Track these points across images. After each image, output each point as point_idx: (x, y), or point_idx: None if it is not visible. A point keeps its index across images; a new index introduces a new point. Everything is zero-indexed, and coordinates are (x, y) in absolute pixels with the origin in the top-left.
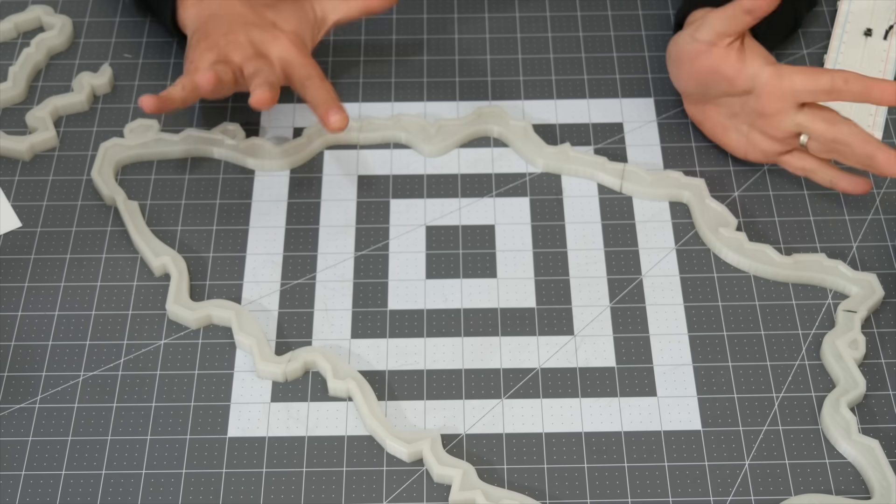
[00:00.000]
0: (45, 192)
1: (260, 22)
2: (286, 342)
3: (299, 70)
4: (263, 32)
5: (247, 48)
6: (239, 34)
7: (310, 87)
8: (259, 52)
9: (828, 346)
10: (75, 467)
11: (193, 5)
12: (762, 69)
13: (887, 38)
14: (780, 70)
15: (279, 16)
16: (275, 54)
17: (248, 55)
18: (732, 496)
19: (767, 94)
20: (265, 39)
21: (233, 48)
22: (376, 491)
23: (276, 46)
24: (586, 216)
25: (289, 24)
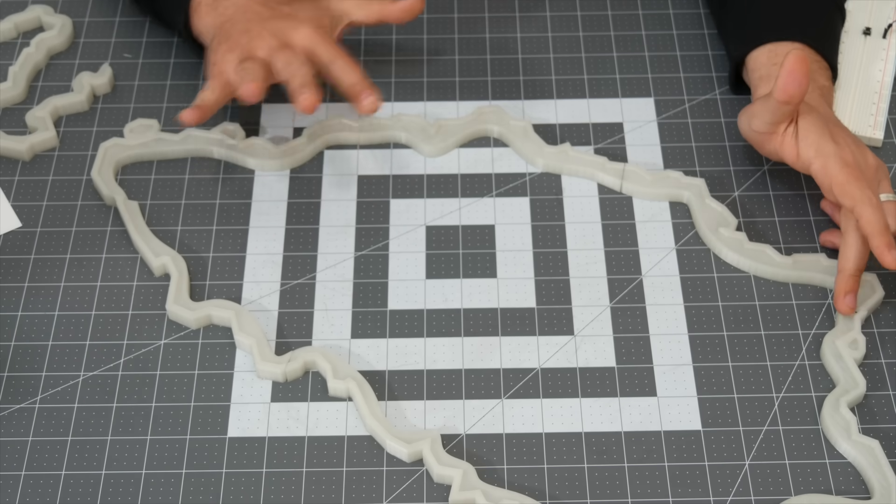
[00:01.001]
0: (45, 192)
1: (278, 16)
2: (286, 342)
3: (324, 53)
4: (282, 22)
5: (270, 40)
6: (259, 29)
7: (336, 69)
8: (282, 42)
9: (828, 346)
10: (75, 467)
11: (208, 13)
12: (813, 161)
13: (886, 36)
14: (827, 167)
15: (296, 10)
16: (297, 43)
17: (272, 47)
18: (732, 496)
19: (819, 184)
20: (285, 29)
21: (256, 43)
22: (376, 491)
23: (297, 35)
24: (586, 216)
25: (306, 14)
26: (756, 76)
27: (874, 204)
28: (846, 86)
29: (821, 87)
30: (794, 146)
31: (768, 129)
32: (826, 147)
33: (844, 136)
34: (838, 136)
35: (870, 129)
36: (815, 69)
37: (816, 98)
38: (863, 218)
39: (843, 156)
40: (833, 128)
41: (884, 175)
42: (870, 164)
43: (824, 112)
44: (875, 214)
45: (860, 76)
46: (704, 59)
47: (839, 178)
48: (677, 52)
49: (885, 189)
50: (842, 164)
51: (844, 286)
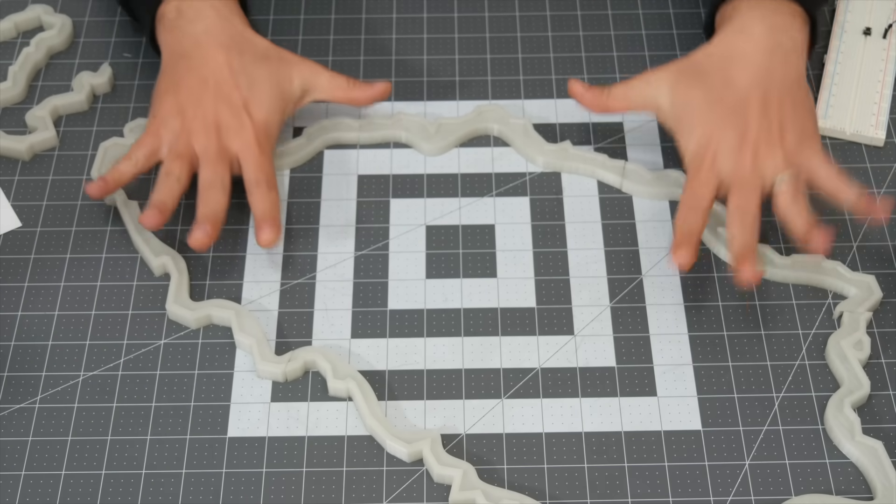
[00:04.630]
0: (44, 191)
1: (232, 99)
2: (286, 342)
3: (250, 173)
4: (232, 118)
5: (210, 136)
6: (208, 111)
7: (255, 194)
8: (221, 146)
9: (832, 347)
10: (75, 467)
11: (169, 31)
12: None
13: (886, 36)
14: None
15: (254, 93)
16: (234, 148)
17: (209, 152)
18: (732, 496)
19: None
20: (230, 128)
21: (198, 130)
22: (376, 491)
23: (238, 140)
24: (586, 215)
25: (260, 109)
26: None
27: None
28: (846, 86)
29: (793, 39)
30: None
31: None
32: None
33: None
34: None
35: (871, 128)
36: (779, 24)
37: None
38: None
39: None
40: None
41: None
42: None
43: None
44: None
45: (860, 76)
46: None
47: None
48: (677, 51)
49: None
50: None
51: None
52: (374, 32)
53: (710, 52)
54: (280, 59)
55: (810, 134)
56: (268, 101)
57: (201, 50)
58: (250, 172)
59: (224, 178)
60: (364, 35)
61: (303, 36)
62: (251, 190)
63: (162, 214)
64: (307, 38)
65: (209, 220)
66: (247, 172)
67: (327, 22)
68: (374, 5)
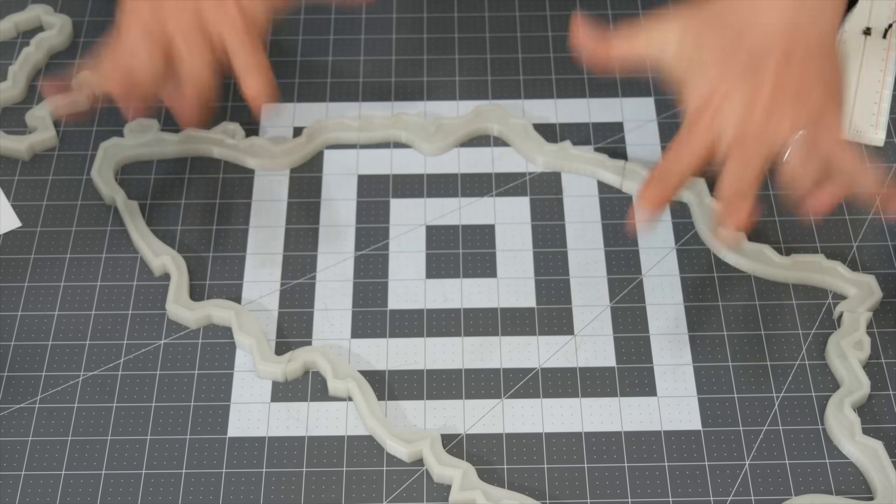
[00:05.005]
0: (44, 191)
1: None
2: (286, 342)
3: (241, 60)
4: (214, 4)
5: (187, 14)
6: (188, 2)
7: (238, 53)
8: (197, 19)
9: (832, 347)
10: (75, 467)
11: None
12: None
13: (886, 36)
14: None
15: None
16: (216, 29)
17: (182, 23)
18: (732, 496)
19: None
20: (212, 9)
21: (172, 9)
22: (376, 491)
23: (222, 21)
24: (586, 215)
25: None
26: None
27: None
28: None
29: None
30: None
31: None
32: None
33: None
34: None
35: (872, 128)
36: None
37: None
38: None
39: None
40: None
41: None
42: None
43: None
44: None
45: (860, 76)
46: None
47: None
48: None
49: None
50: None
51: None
52: (374, 32)
53: (730, 2)
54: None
55: (837, 100)
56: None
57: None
58: (240, 58)
59: (204, 50)
60: (364, 35)
61: (303, 36)
62: (235, 53)
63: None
64: (307, 39)
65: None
66: (236, 58)
67: (327, 22)
68: (374, 5)
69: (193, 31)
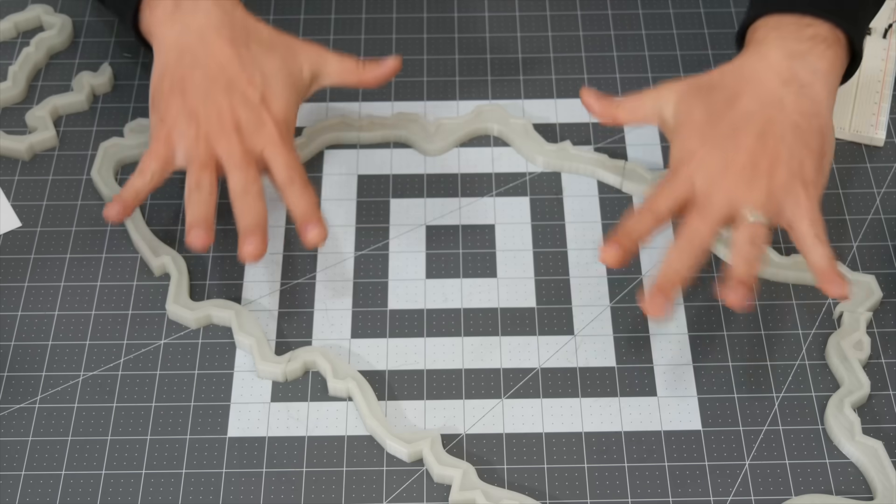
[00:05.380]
0: (44, 191)
1: (247, 90)
2: (286, 342)
3: (281, 172)
4: (250, 113)
5: (231, 138)
6: (223, 105)
7: (291, 193)
8: (245, 148)
9: (832, 347)
10: (75, 467)
11: (165, 23)
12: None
13: (887, 36)
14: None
15: (267, 82)
16: (258, 147)
17: (234, 156)
18: (732, 496)
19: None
20: (251, 124)
21: (217, 133)
22: (376, 491)
23: (261, 137)
24: (586, 215)
25: (277, 99)
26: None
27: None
28: (846, 86)
29: (813, 70)
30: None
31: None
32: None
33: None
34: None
35: (871, 128)
36: (798, 51)
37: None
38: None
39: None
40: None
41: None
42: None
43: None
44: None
45: (861, 76)
46: (704, 59)
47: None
48: (677, 51)
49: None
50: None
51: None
52: (374, 32)
53: (726, 70)
54: (286, 46)
55: (808, 179)
56: (283, 93)
57: (206, 44)
58: (281, 172)
59: (257, 182)
60: (364, 35)
61: (303, 36)
62: (285, 190)
63: (208, 232)
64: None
65: (256, 229)
66: (277, 172)
67: (327, 22)
68: (374, 5)
69: (244, 161)
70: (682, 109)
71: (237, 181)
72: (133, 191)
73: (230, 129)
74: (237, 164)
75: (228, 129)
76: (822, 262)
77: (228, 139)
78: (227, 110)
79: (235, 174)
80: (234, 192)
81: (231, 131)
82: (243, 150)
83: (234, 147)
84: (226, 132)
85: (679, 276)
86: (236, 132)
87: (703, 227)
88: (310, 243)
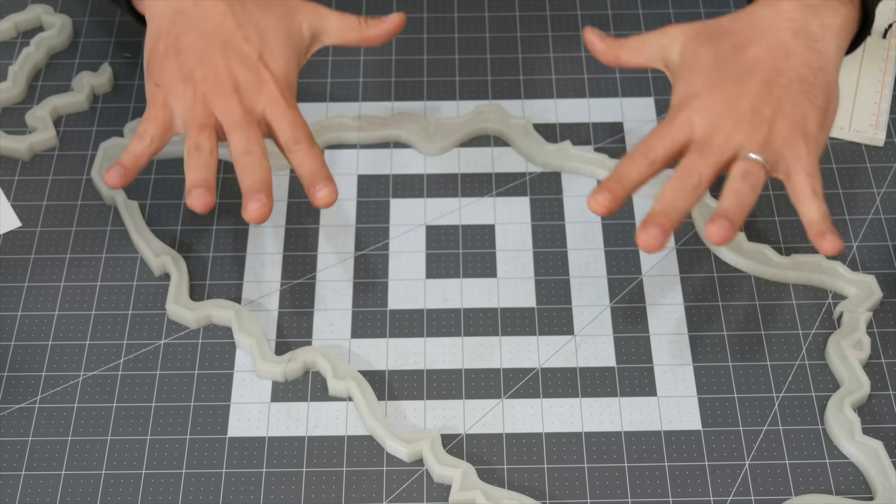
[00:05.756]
0: (44, 191)
1: (244, 49)
2: (286, 342)
3: (285, 132)
4: (248, 72)
5: (231, 98)
6: (219, 65)
7: (297, 152)
8: (245, 108)
9: (832, 347)
10: (75, 467)
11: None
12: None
13: (886, 36)
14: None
15: (265, 40)
16: (259, 107)
17: (233, 116)
18: (732, 496)
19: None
20: (250, 84)
21: (215, 93)
22: (376, 491)
23: (262, 97)
24: (586, 216)
25: (276, 58)
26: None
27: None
28: (846, 86)
29: (824, 25)
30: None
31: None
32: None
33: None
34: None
35: (871, 128)
36: (814, 3)
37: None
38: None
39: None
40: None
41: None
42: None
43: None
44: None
45: (860, 76)
46: None
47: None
48: None
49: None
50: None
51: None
52: None
53: (737, 17)
54: (284, 4)
55: (810, 133)
56: (282, 51)
57: (200, 4)
58: (285, 131)
59: (259, 143)
60: None
61: None
62: (291, 149)
63: (210, 192)
64: None
65: (260, 188)
66: (281, 132)
67: None
68: (374, 5)
69: (245, 121)
70: (689, 52)
71: (238, 142)
72: (133, 155)
73: (228, 89)
74: (237, 125)
75: (227, 89)
76: (815, 215)
77: (227, 100)
78: (224, 70)
79: (236, 135)
80: (236, 153)
81: (230, 91)
82: (243, 111)
83: (233, 108)
84: (224, 93)
85: (675, 210)
86: (235, 92)
87: (703, 164)
88: (320, 203)
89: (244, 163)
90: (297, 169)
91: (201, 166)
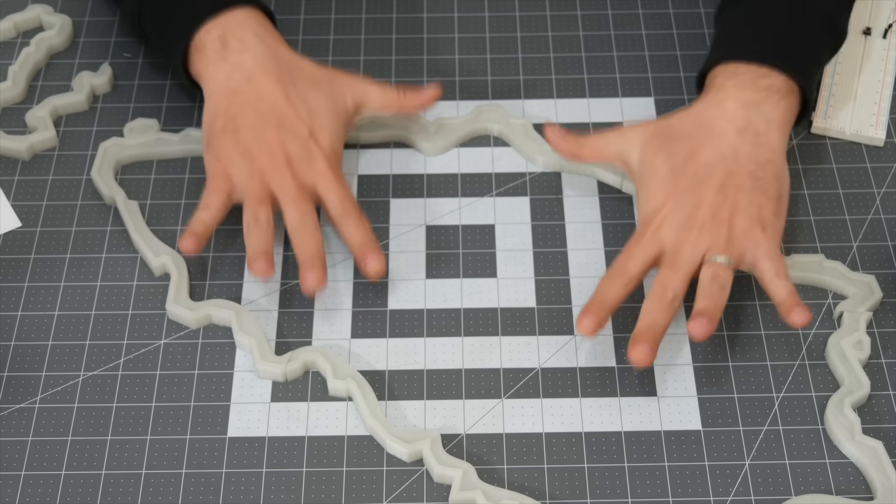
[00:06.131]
0: (44, 191)
1: (297, 130)
2: (286, 342)
3: (336, 206)
4: (300, 149)
5: (285, 173)
6: (273, 141)
7: (347, 226)
8: (298, 182)
9: (832, 347)
10: (75, 467)
11: (214, 63)
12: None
13: (886, 36)
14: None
15: (315, 116)
16: (311, 181)
17: (288, 190)
18: (732, 496)
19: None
20: (301, 158)
21: (270, 168)
22: (376, 491)
23: (313, 172)
24: (586, 216)
25: (325, 131)
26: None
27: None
28: (846, 86)
29: (767, 119)
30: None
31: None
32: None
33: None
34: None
35: (871, 128)
36: (753, 100)
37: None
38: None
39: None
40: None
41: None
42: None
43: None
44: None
45: (860, 76)
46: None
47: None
48: (677, 51)
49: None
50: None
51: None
52: (374, 32)
53: (685, 119)
54: (330, 80)
55: (766, 222)
56: (330, 126)
57: (255, 84)
58: (336, 206)
59: (312, 214)
60: (364, 35)
61: (303, 36)
62: (340, 223)
63: (270, 262)
64: (307, 38)
65: (315, 261)
66: (332, 206)
67: (327, 22)
68: (374, 5)
69: (298, 195)
70: (646, 159)
71: (293, 215)
72: (202, 224)
73: (282, 163)
74: (292, 199)
75: (281, 164)
76: (782, 295)
77: (282, 174)
78: (278, 146)
79: (291, 208)
80: (291, 225)
81: (283, 166)
82: (297, 185)
83: (287, 182)
84: (279, 167)
85: (657, 326)
86: (288, 167)
87: (675, 279)
88: (370, 273)
89: (299, 235)
90: (348, 240)
91: (261, 237)
